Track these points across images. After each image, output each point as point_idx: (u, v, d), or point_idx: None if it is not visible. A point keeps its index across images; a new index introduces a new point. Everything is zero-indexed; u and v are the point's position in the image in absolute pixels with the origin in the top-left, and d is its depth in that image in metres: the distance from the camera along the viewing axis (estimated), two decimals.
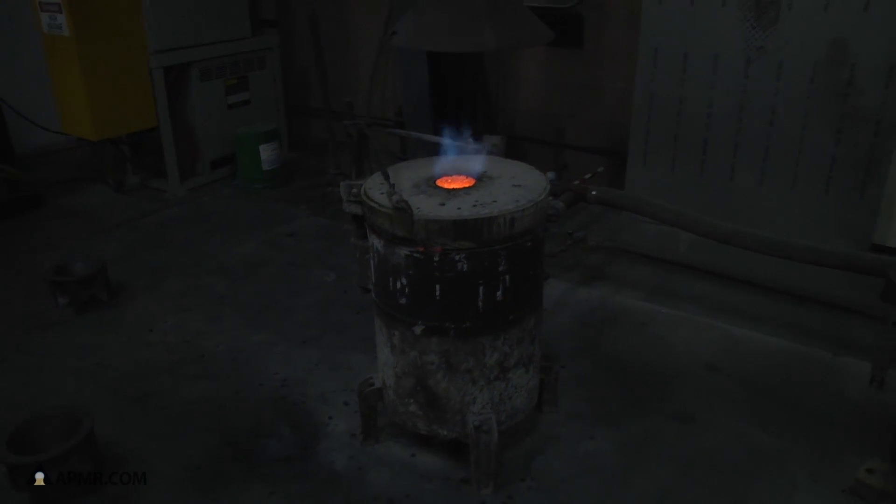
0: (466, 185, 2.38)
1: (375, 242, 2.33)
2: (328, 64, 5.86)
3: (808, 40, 3.48)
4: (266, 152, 5.20)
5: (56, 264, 3.72)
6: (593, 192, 3.55)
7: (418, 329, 2.31)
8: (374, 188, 2.35)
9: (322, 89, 4.75)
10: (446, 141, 2.62)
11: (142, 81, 4.90)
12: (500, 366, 2.39)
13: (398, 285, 2.30)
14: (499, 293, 2.28)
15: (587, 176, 4.45)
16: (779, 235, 3.19)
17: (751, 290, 3.66)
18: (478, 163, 2.51)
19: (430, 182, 2.41)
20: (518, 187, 2.36)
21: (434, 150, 2.64)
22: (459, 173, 2.46)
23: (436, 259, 2.19)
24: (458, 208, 2.19)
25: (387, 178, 2.28)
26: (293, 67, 6.15)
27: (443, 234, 2.16)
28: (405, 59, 4.82)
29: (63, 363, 3.26)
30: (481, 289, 2.25)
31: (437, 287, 2.24)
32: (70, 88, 4.74)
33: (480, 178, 2.43)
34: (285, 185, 5.37)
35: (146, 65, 4.88)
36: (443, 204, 2.23)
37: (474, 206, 2.21)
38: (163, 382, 3.11)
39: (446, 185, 2.39)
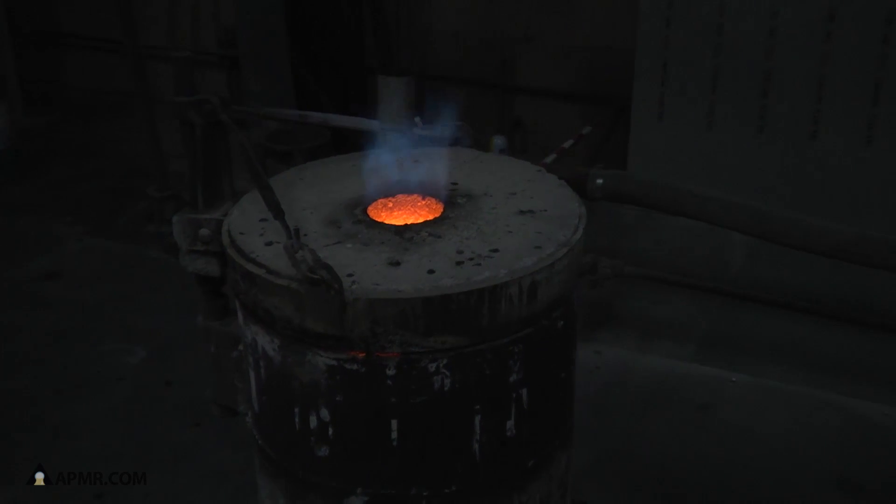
0: (429, 217, 1.97)
1: (261, 341, 1.87)
2: None
3: None
4: None
5: None
6: (599, 181, 3.18)
7: (357, 502, 1.89)
8: (251, 232, 1.88)
9: None
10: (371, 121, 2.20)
11: None
12: None
13: (313, 422, 1.87)
14: (509, 423, 1.91)
15: (567, 143, 4.16)
16: None
17: (860, 328, 3.43)
18: (438, 164, 2.09)
19: (359, 211, 2.00)
20: (528, 215, 1.96)
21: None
22: (409, 190, 2.05)
23: (390, 372, 1.76)
24: (431, 271, 1.74)
25: (278, 212, 1.80)
26: None
27: (403, 325, 1.72)
28: None
29: None
30: (479, 419, 1.86)
31: (394, 423, 1.84)
32: None
33: (452, 200, 2.01)
34: (27, 181, 4.91)
35: None
36: (396, 263, 1.78)
37: (458, 262, 1.78)
38: None
39: (390, 218, 1.99)
